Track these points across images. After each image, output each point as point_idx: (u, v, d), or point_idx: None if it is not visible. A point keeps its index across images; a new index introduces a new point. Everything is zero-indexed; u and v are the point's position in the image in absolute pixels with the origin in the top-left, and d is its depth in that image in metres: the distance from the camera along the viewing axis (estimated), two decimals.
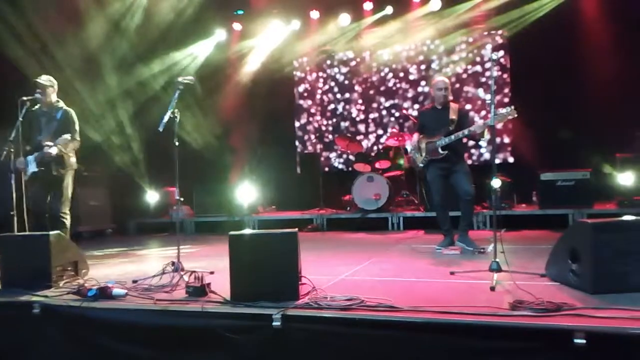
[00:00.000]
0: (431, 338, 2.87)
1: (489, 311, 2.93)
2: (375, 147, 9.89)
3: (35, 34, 7.88)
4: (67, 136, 5.21)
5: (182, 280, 4.05)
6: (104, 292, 3.73)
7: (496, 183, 4.23)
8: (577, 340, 2.57)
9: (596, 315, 2.76)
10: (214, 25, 10.21)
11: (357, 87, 10.30)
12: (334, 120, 10.48)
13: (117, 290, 3.77)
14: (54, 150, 5.13)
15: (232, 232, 3.63)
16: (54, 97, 5.46)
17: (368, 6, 9.58)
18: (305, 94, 10.70)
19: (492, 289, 3.51)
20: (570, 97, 8.10)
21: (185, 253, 5.87)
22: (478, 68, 9.46)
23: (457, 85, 9.44)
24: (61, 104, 5.50)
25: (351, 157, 9.03)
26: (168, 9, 9.00)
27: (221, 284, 3.69)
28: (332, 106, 10.50)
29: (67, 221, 5.42)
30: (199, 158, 9.41)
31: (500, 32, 9.25)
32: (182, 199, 4.78)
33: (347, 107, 10.38)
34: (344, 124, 10.39)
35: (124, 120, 9.43)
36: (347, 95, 10.38)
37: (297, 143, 10.73)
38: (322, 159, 10.40)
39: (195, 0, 8.96)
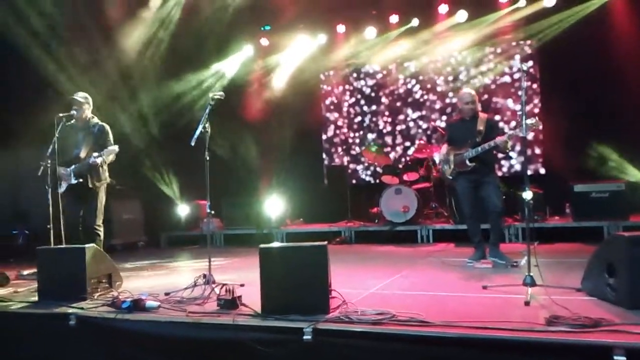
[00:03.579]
0: (465, 354, 2.83)
1: (524, 327, 2.87)
2: (402, 159, 9.85)
3: (69, 51, 8.14)
4: (114, 148, 5.37)
5: (214, 292, 4.10)
6: (137, 305, 3.79)
7: (528, 195, 4.16)
8: (616, 357, 2.51)
9: (636, 332, 2.68)
10: (242, 41, 10.37)
11: (383, 99, 10.30)
12: (361, 132, 10.49)
13: (150, 303, 3.83)
14: (100, 160, 5.28)
15: (262, 245, 3.66)
16: (89, 113, 5.64)
17: (394, 19, 9.59)
18: (332, 107, 10.75)
19: (527, 303, 3.44)
20: (602, 106, 7.94)
21: (216, 265, 5.92)
22: (507, 79, 9.36)
23: (486, 97, 9.34)
24: (96, 119, 5.68)
25: (378, 170, 8.99)
26: (197, 27, 9.18)
27: (252, 297, 3.72)
28: (358, 118, 10.51)
29: (101, 234, 5.55)
30: (227, 171, 9.52)
31: (528, 42, 9.15)
32: (212, 212, 4.83)
33: (374, 119, 10.37)
34: (370, 136, 10.39)
35: (156, 134, 9.62)
36: (373, 107, 10.38)
37: (324, 155, 10.77)
38: (349, 171, 10.40)
39: (223, 18, 9.11)
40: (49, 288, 4.36)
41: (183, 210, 9.80)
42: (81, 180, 5.45)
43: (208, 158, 4.66)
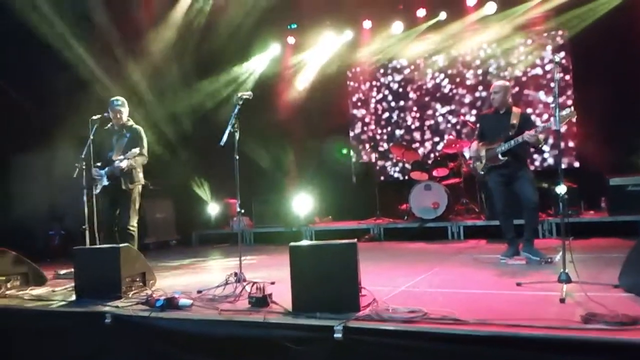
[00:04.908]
0: (499, 353, 2.77)
1: (559, 324, 2.81)
2: (432, 155, 9.74)
3: (103, 53, 8.32)
4: (136, 150, 5.48)
5: (245, 290, 4.14)
6: (171, 303, 3.85)
7: (562, 189, 4.07)
8: None
9: None
10: (269, 40, 10.43)
11: (411, 95, 10.20)
12: (389, 128, 10.41)
13: (183, 301, 3.89)
14: (124, 164, 5.40)
15: (292, 243, 3.68)
16: (125, 116, 5.75)
17: (421, 13, 9.48)
18: (359, 104, 10.70)
19: (562, 300, 3.37)
20: (638, 97, 7.69)
21: (246, 263, 5.98)
22: (538, 70, 9.15)
23: (517, 89, 9.16)
24: (131, 122, 5.80)
25: (407, 166, 8.93)
26: (225, 27, 9.27)
27: (282, 295, 3.74)
28: (386, 115, 10.44)
29: (135, 233, 5.66)
30: (257, 170, 9.60)
31: (560, 32, 8.93)
32: (242, 211, 4.88)
33: (402, 115, 10.29)
34: (398, 132, 10.31)
35: (186, 134, 9.76)
36: (401, 103, 10.29)
37: (352, 153, 10.74)
38: (378, 168, 10.35)
39: (250, 17, 9.18)
40: (85, 287, 4.47)
41: (213, 209, 9.94)
42: (114, 182, 5.57)
43: (237, 157, 4.71)
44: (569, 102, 8.80)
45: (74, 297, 4.50)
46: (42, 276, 5.46)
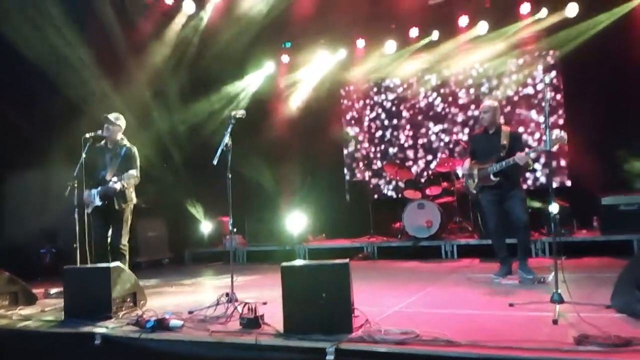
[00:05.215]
0: None
1: (552, 346, 2.81)
2: (425, 173, 9.77)
3: (96, 72, 8.32)
4: (133, 172, 5.44)
5: (236, 311, 4.10)
6: (161, 324, 3.81)
7: (554, 208, 4.08)
8: None
9: None
10: (263, 58, 10.49)
11: (404, 113, 10.27)
12: (382, 147, 10.46)
13: (174, 322, 3.85)
14: (118, 186, 5.35)
15: (284, 264, 3.66)
16: (119, 136, 5.72)
17: (414, 32, 9.58)
18: (353, 122, 10.75)
19: (555, 322, 3.36)
20: (629, 116, 7.78)
21: (239, 283, 5.93)
22: (530, 90, 9.24)
23: (509, 108, 9.25)
24: (125, 141, 5.77)
25: (401, 184, 8.95)
26: (220, 46, 9.32)
27: (274, 315, 3.72)
28: (379, 133, 10.49)
29: (127, 253, 5.61)
30: (250, 188, 9.58)
31: (551, 52, 9.04)
32: (235, 229, 4.86)
33: (395, 133, 10.34)
34: (392, 150, 10.35)
35: (179, 153, 9.75)
36: (394, 121, 10.35)
37: (345, 171, 10.76)
38: (371, 186, 10.37)
39: (245, 36, 9.25)
40: (75, 307, 4.42)
41: (206, 227, 9.88)
42: (106, 202, 5.52)
43: (230, 176, 4.70)
44: (561, 121, 8.89)
45: (63, 317, 4.44)
46: (32, 295, 5.39)
